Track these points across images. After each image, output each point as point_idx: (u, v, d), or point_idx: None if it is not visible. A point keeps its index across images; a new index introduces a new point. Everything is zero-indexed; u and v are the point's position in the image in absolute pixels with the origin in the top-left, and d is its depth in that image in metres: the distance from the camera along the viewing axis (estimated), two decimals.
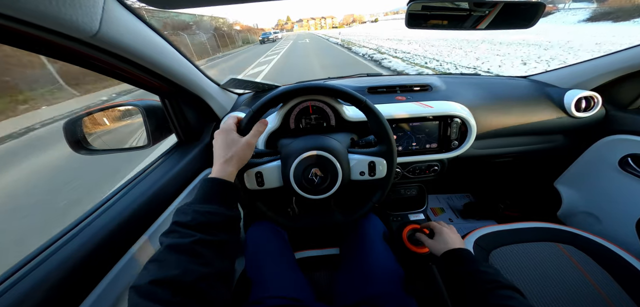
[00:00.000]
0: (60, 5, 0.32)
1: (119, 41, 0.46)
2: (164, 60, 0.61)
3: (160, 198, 0.66)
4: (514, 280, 0.70)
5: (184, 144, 0.85)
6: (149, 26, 0.54)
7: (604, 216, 1.09)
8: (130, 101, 0.75)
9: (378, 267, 0.70)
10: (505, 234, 0.83)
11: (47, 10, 0.31)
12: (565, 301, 0.64)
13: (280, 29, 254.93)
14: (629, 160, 0.96)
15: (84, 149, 0.71)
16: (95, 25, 0.39)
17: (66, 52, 0.42)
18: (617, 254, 0.73)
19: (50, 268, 0.43)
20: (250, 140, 0.55)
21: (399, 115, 0.89)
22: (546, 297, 0.65)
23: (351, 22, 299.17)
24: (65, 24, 0.34)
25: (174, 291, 0.35)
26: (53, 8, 0.31)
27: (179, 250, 0.39)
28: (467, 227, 1.36)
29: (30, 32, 0.34)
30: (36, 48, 0.38)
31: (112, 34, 0.43)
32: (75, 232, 0.51)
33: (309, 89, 0.64)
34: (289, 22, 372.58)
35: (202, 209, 0.45)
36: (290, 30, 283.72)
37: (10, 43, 0.35)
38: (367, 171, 0.64)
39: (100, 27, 0.40)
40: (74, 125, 0.69)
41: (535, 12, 0.56)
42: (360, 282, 0.67)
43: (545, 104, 1.01)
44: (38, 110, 8.99)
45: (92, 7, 0.37)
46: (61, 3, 0.32)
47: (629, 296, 0.64)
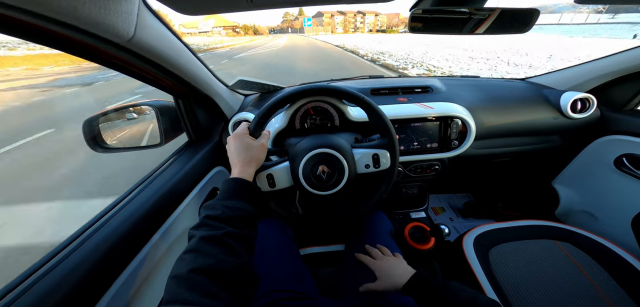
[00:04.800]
0: (104, 11, 0.35)
1: (150, 45, 0.49)
2: (183, 63, 0.64)
3: (174, 195, 0.69)
4: (513, 276, 0.72)
5: (194, 143, 0.88)
6: (172, 32, 0.57)
7: (601, 214, 1.11)
8: (144, 101, 0.78)
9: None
10: (504, 231, 0.85)
11: (94, 15, 0.34)
12: (562, 296, 0.66)
13: (288, 27, 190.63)
14: (624, 159, 0.99)
15: (100, 146, 0.74)
16: (131, 30, 0.42)
17: (104, 56, 0.45)
18: (614, 251, 0.75)
19: (71, 265, 0.45)
20: (263, 142, 0.60)
21: (401, 116, 0.92)
22: (543, 292, 0.67)
23: (396, 25, 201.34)
24: (108, 29, 0.38)
25: (212, 279, 0.37)
26: (100, 14, 0.35)
27: (212, 241, 0.42)
28: (467, 225, 1.40)
29: (75, 37, 0.38)
30: (79, 52, 0.41)
31: (144, 38, 0.47)
32: (95, 228, 0.53)
33: (308, 91, 0.68)
34: (299, 17, 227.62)
35: (230, 204, 0.48)
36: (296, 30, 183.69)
37: (59, 47, 0.38)
38: (372, 163, 0.67)
39: (135, 32, 0.43)
40: (91, 124, 0.73)
41: (530, 18, 0.60)
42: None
43: (542, 105, 1.04)
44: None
45: (130, 14, 0.41)
46: (105, 9, 0.35)
47: (625, 291, 0.66)
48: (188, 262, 0.39)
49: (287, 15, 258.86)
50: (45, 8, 0.30)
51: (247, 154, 0.57)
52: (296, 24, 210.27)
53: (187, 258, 0.40)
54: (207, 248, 0.41)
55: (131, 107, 0.80)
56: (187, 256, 0.40)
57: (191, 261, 0.39)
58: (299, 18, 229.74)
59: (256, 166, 0.58)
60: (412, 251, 0.98)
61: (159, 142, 0.79)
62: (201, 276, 0.37)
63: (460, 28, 0.71)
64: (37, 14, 0.31)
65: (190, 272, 0.37)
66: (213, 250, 0.41)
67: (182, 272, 0.37)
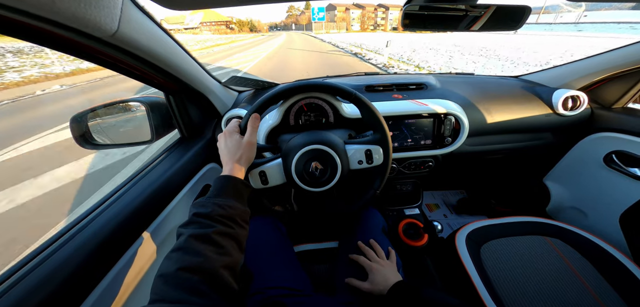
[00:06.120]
0: (84, 5, 0.34)
1: (136, 40, 0.48)
2: (172, 59, 0.63)
3: (165, 192, 0.68)
4: (503, 271, 0.73)
5: (186, 140, 0.87)
6: (159, 26, 0.56)
7: (590, 211, 1.13)
8: (134, 97, 0.77)
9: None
10: (495, 228, 0.86)
11: (74, 10, 0.33)
12: (551, 291, 0.67)
13: (292, 23, 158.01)
14: (614, 156, 1.01)
15: (89, 143, 0.73)
16: (115, 24, 0.41)
17: (87, 51, 0.44)
18: (601, 247, 0.76)
19: (58, 261, 0.44)
20: (250, 139, 0.59)
21: (396, 113, 0.92)
22: (533, 287, 0.69)
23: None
24: (90, 23, 0.37)
25: (201, 278, 0.36)
26: (80, 8, 0.34)
27: (202, 239, 0.41)
28: (461, 222, 1.41)
29: (56, 32, 0.36)
30: (60, 47, 0.40)
31: (129, 33, 0.45)
32: (88, 220, 0.52)
33: (301, 87, 0.67)
34: (306, 11, 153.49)
35: (221, 202, 0.47)
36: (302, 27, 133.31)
37: (42, 43, 0.37)
38: (365, 159, 0.67)
39: (118, 27, 0.42)
40: (80, 121, 0.71)
41: (522, 15, 0.60)
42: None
43: (534, 103, 1.05)
44: None
45: (113, 8, 0.39)
46: (85, 3, 0.34)
47: (611, 287, 0.67)
48: (176, 260, 0.38)
49: (292, 9, 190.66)
50: (18, 2, 0.29)
51: (237, 152, 0.56)
52: (302, 19, 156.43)
53: (175, 256, 0.39)
54: (196, 246, 0.40)
55: (121, 103, 0.78)
56: (175, 254, 0.39)
57: (179, 259, 0.38)
58: (305, 12, 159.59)
59: (247, 163, 0.58)
60: (405, 247, 0.99)
61: (149, 139, 0.78)
62: (190, 274, 0.36)
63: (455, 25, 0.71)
64: (11, 8, 0.29)
65: (179, 270, 0.36)
66: (202, 248, 0.40)
67: (170, 271, 0.36)
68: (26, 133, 3.71)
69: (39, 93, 6.78)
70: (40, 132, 3.74)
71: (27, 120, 4.58)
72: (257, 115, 0.61)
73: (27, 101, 6.02)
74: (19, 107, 5.59)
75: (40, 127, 3.92)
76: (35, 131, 3.77)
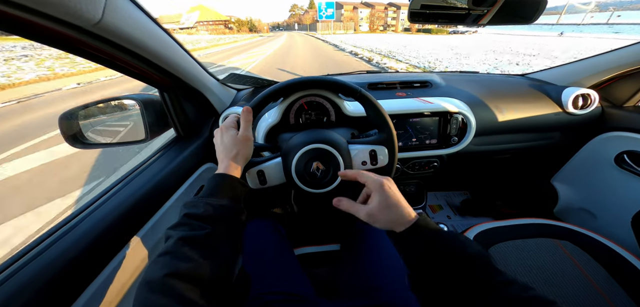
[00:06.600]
0: None
1: (122, 31, 0.45)
2: (165, 53, 0.60)
3: (159, 192, 0.65)
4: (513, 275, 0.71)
5: (182, 139, 0.83)
6: (151, 18, 0.53)
7: (600, 212, 1.10)
8: (127, 95, 0.73)
9: (384, 259, 0.70)
10: (503, 230, 0.83)
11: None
12: (561, 296, 0.65)
13: (295, 23, 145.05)
14: (625, 156, 0.97)
15: (80, 143, 0.70)
16: (98, 13, 0.38)
17: (67, 40, 0.41)
18: (613, 249, 0.74)
19: (47, 261, 0.42)
20: (246, 134, 0.55)
21: (400, 111, 0.89)
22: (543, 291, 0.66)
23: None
24: (69, 11, 0.33)
25: (190, 285, 0.33)
26: None
27: (192, 242, 0.38)
28: (465, 223, 1.38)
29: (32, 20, 0.33)
30: (38, 37, 0.37)
31: (115, 23, 0.42)
32: (74, 223, 0.49)
33: (302, 83, 0.64)
34: (310, 10, 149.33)
35: (214, 202, 0.44)
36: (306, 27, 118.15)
37: (13, 31, 0.33)
38: (369, 161, 0.64)
39: (103, 16, 0.39)
40: (70, 119, 0.68)
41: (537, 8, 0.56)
42: (365, 275, 0.67)
43: (543, 101, 1.02)
44: None
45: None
46: None
47: (624, 290, 0.64)
48: (163, 265, 0.34)
49: (295, 8, 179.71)
50: None
51: (232, 149, 0.53)
52: (305, 18, 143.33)
53: (162, 261, 0.35)
54: (186, 250, 0.36)
55: (113, 100, 0.75)
56: (163, 258, 0.36)
57: (167, 264, 0.34)
58: (309, 11, 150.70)
59: (244, 160, 0.54)
60: None
61: (144, 138, 0.75)
62: (178, 281, 0.33)
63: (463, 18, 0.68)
64: None
65: (166, 277, 0.33)
66: (192, 252, 0.36)
67: (156, 277, 0.33)
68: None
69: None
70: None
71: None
72: (249, 108, 0.57)
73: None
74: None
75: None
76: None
